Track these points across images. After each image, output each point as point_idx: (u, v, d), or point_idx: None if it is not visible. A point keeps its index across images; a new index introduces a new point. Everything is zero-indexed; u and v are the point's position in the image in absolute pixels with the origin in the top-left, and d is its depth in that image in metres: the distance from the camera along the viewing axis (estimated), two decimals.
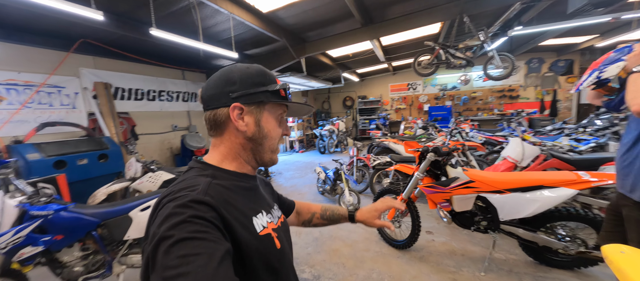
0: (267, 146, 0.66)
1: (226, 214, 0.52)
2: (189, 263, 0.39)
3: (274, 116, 0.67)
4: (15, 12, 2.96)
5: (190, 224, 0.44)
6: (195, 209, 0.47)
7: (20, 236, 1.71)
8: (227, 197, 0.57)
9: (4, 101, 3.20)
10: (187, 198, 0.48)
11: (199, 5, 3.25)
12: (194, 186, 0.54)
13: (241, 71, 0.64)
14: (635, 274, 0.64)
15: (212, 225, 0.47)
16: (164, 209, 0.48)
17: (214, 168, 0.63)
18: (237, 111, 0.62)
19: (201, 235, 0.43)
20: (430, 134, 5.02)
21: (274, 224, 0.67)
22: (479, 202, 2.21)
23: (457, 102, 10.17)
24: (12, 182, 1.85)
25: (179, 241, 0.41)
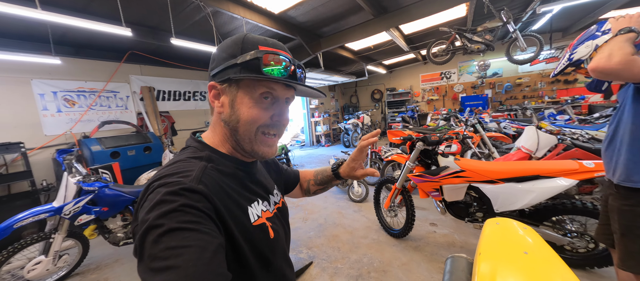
0: (241, 131, 0.56)
1: (220, 205, 0.49)
2: (179, 255, 0.37)
3: (250, 96, 0.55)
4: (80, 35, 3.73)
5: (181, 214, 0.42)
6: (188, 198, 0.44)
7: (79, 206, 2.26)
8: (222, 184, 0.53)
9: (76, 104, 4.06)
10: (179, 186, 0.45)
11: (214, 14, 3.64)
12: (187, 172, 0.50)
13: (221, 45, 0.57)
14: (490, 237, 0.69)
15: (205, 215, 0.44)
16: (154, 194, 0.45)
17: (210, 149, 0.59)
18: (213, 91, 0.57)
19: (193, 226, 0.41)
20: (451, 126, 4.75)
21: (270, 213, 0.64)
22: (472, 192, 2.14)
23: (499, 91, 9.19)
24: (74, 165, 2.43)
25: (169, 231, 0.39)
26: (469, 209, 2.18)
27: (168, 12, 3.15)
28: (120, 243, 2.51)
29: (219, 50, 0.57)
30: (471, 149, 3.58)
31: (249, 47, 0.54)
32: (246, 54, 0.53)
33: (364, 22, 4.81)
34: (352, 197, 3.96)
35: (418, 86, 10.79)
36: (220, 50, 0.56)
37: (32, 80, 3.67)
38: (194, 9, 3.49)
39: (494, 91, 9.26)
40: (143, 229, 0.41)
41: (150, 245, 0.39)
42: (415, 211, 2.58)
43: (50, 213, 2.19)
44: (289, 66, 0.56)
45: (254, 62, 0.52)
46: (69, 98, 4.00)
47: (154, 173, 0.54)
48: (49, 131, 3.82)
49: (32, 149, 3.60)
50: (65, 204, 2.22)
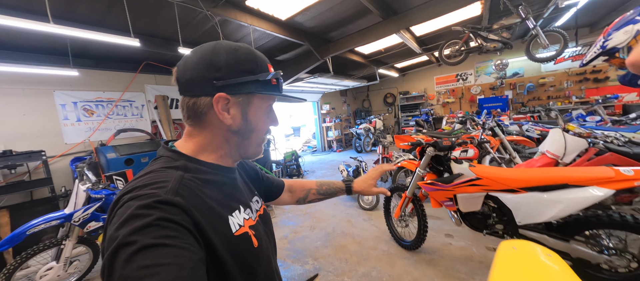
0: (253, 139, 0.61)
1: (199, 217, 0.46)
2: (155, 274, 0.34)
3: (262, 108, 0.61)
4: (99, 48, 3.91)
5: (157, 229, 0.39)
6: (163, 211, 0.41)
7: (87, 213, 2.31)
8: (201, 194, 0.51)
9: (94, 114, 4.25)
10: (154, 198, 0.42)
11: (222, 23, 3.70)
12: (161, 183, 0.46)
13: (228, 54, 0.55)
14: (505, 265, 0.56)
15: (183, 229, 0.41)
16: (123, 208, 0.42)
17: (186, 158, 0.56)
18: (222, 103, 0.55)
19: (170, 241, 0.38)
20: (468, 129, 4.50)
21: (253, 221, 0.62)
22: (490, 202, 1.95)
23: (520, 91, 8.69)
24: (85, 173, 2.49)
25: (143, 248, 0.36)
26: (487, 221, 2.00)
27: (177, 24, 3.22)
28: None
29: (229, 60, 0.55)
30: (490, 155, 3.34)
31: (263, 66, 0.59)
32: (265, 73, 0.58)
33: (372, 25, 4.72)
34: (362, 205, 3.82)
35: (432, 89, 10.46)
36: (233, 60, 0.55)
37: (55, 91, 3.88)
38: (202, 19, 3.56)
39: (514, 91, 8.78)
40: (113, 248, 0.37)
41: (121, 264, 0.36)
42: (427, 221, 2.41)
43: (61, 220, 2.24)
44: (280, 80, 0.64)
45: (270, 80, 0.59)
46: (88, 108, 4.20)
47: (125, 185, 0.51)
48: (69, 139, 4.01)
49: (53, 157, 3.78)
50: (75, 211, 2.27)
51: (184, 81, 0.55)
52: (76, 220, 2.26)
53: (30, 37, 3.23)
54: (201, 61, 0.54)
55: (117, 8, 2.92)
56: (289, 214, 3.98)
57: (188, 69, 0.55)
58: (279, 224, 3.66)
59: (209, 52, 0.55)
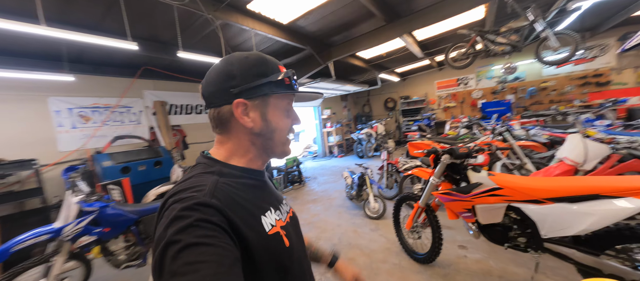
0: (277, 139, 0.64)
1: (234, 217, 0.50)
2: (197, 270, 0.39)
3: (280, 107, 0.64)
4: (97, 53, 3.80)
5: (197, 229, 0.43)
6: (202, 212, 0.46)
7: (80, 227, 2.15)
8: (235, 196, 0.54)
9: (90, 120, 4.11)
10: (193, 200, 0.47)
11: (223, 27, 3.60)
12: (200, 186, 0.52)
13: (240, 62, 0.60)
14: None
15: (220, 229, 0.46)
16: (169, 210, 0.47)
17: (221, 164, 0.61)
18: (241, 108, 0.59)
19: (209, 240, 0.42)
20: (474, 134, 4.39)
21: (283, 222, 0.65)
22: (512, 213, 1.82)
23: (522, 96, 8.65)
24: (77, 184, 2.34)
25: (186, 247, 0.41)
26: (508, 233, 1.86)
27: (177, 27, 3.12)
28: (122, 266, 2.36)
29: (241, 67, 0.59)
30: (500, 160, 3.23)
31: (274, 67, 0.62)
32: (276, 73, 0.61)
33: (375, 29, 4.65)
34: (368, 213, 3.68)
35: (433, 93, 10.41)
36: (244, 67, 0.59)
37: (49, 97, 3.75)
38: (203, 22, 3.46)
39: (516, 96, 8.73)
40: (162, 246, 0.42)
41: (169, 261, 0.40)
42: (442, 232, 2.27)
43: (51, 235, 2.09)
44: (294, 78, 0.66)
45: (283, 80, 0.62)
46: (83, 114, 4.06)
47: (169, 190, 0.55)
48: (64, 147, 3.86)
49: (45, 165, 3.62)
50: (66, 225, 2.12)
51: (207, 95, 0.61)
52: (66, 235, 2.11)
53: (24, 41, 3.11)
54: (218, 74, 0.60)
55: (115, 11, 2.82)
56: None
57: (209, 84, 0.61)
58: None
59: (223, 64, 0.61)
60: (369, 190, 3.73)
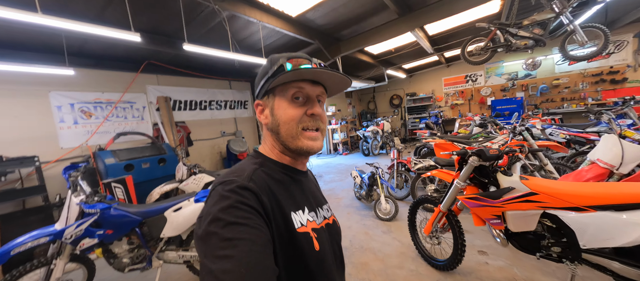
0: (283, 132, 0.63)
1: (267, 202, 0.54)
2: (235, 246, 0.43)
3: (285, 99, 0.63)
4: (98, 45, 3.67)
5: (236, 210, 0.48)
6: (240, 195, 0.51)
7: (81, 229, 2.04)
8: (270, 185, 0.58)
9: (93, 116, 3.99)
10: (234, 184, 0.53)
11: (230, 19, 3.45)
12: (241, 172, 0.58)
13: (260, 69, 0.67)
14: None
15: (254, 211, 0.50)
16: (215, 191, 0.54)
17: (263, 156, 0.67)
18: (258, 108, 0.67)
19: (246, 221, 0.47)
20: (490, 133, 4.23)
21: (317, 225, 0.64)
22: (547, 221, 1.68)
23: (533, 93, 8.42)
24: (79, 183, 2.23)
25: (227, 225, 0.46)
26: (541, 242, 1.72)
27: (182, 19, 2.97)
28: (126, 269, 2.26)
29: (259, 73, 0.67)
30: (520, 161, 3.07)
31: (275, 61, 0.63)
32: (275, 65, 0.63)
33: (386, 22, 4.48)
34: (379, 215, 3.54)
35: (441, 90, 10.20)
36: (260, 73, 0.66)
37: (50, 92, 3.63)
38: (209, 14, 3.31)
39: (526, 93, 8.50)
40: (209, 220, 0.48)
41: (212, 234, 0.46)
42: (465, 238, 2.13)
43: (51, 237, 1.98)
44: (310, 63, 0.62)
45: (280, 69, 0.61)
46: (85, 110, 3.94)
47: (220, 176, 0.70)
48: (66, 143, 3.75)
49: (47, 162, 3.52)
50: (67, 227, 2.00)
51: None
52: (68, 237, 1.99)
53: (24, 32, 2.98)
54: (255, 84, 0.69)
55: (117, 1, 2.67)
56: None
57: None
58: None
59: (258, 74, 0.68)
60: (381, 190, 3.59)
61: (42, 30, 2.71)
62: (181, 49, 3.21)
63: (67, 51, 3.39)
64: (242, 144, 5.51)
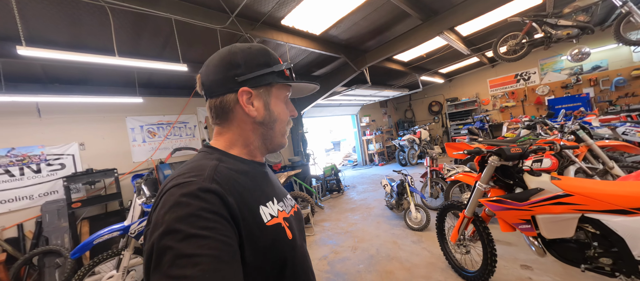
0: (277, 129, 0.65)
1: (233, 203, 0.48)
2: (196, 264, 0.37)
3: (281, 98, 0.65)
4: (161, 77, 4.47)
5: (197, 219, 0.41)
6: (203, 200, 0.44)
7: (142, 225, 2.48)
8: (234, 182, 0.52)
9: (156, 135, 4.80)
10: (194, 186, 0.45)
11: (261, 43, 3.88)
12: (199, 170, 0.50)
13: (244, 52, 0.60)
14: None
15: (221, 218, 0.44)
16: (167, 195, 0.45)
17: (220, 152, 0.60)
18: (245, 96, 0.59)
19: (209, 233, 0.41)
20: (539, 135, 3.76)
21: (286, 213, 0.62)
22: (588, 226, 1.48)
23: (605, 88, 7.15)
24: (142, 188, 2.73)
25: (186, 238, 0.39)
26: (585, 252, 1.51)
27: (219, 49, 3.48)
28: None
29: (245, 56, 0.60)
30: (575, 164, 2.68)
31: (276, 58, 0.65)
32: (278, 64, 0.63)
33: (411, 29, 4.45)
34: (410, 224, 3.41)
35: (486, 93, 9.35)
36: (249, 56, 0.60)
37: (126, 117, 4.52)
38: (242, 42, 3.78)
39: (597, 89, 7.25)
40: (160, 233, 0.41)
41: (167, 251, 0.39)
42: (495, 247, 1.96)
43: (121, 232, 2.46)
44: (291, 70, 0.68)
45: (282, 71, 0.64)
46: (151, 130, 4.77)
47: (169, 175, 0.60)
48: (136, 158, 4.57)
49: (123, 174, 4.33)
50: (132, 223, 2.47)
51: (209, 83, 0.60)
52: (132, 232, 2.45)
53: (106, 72, 3.84)
54: (221, 62, 0.60)
55: (172, 41, 3.29)
56: (328, 232, 3.78)
57: (210, 73, 0.60)
58: (318, 242, 3.48)
59: (226, 53, 0.61)
60: (410, 198, 3.47)
61: (120, 69, 3.48)
62: None
63: (138, 83, 4.23)
64: (277, 156, 5.89)
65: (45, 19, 2.54)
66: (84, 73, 3.78)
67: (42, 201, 3.64)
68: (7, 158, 3.52)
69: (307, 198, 4.24)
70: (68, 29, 2.76)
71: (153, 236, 0.41)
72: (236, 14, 2.90)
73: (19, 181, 3.57)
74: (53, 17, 2.54)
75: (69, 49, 2.59)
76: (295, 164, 5.71)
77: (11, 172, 3.53)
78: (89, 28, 2.79)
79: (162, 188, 0.49)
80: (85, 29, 2.81)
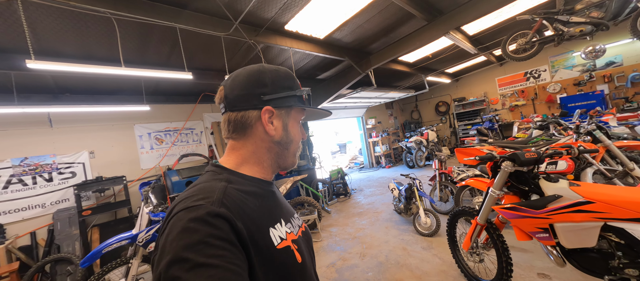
0: (292, 150, 0.68)
1: (242, 227, 0.47)
2: None
3: (298, 120, 0.69)
4: (166, 85, 4.52)
5: (206, 246, 0.40)
6: (212, 226, 0.43)
7: (149, 234, 2.49)
8: (243, 205, 0.52)
9: (163, 142, 4.85)
10: (203, 210, 0.44)
11: (265, 49, 3.89)
12: (208, 193, 0.49)
13: (272, 73, 0.63)
14: None
15: (229, 245, 0.43)
16: (175, 219, 0.45)
17: (229, 172, 0.59)
18: (268, 114, 0.61)
19: (218, 261, 0.40)
20: (552, 135, 3.63)
21: (294, 235, 0.61)
22: (612, 235, 1.39)
23: (621, 84, 6.90)
24: (149, 196, 2.75)
25: (195, 267, 0.38)
26: (608, 262, 1.42)
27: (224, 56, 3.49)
28: None
29: (273, 77, 0.63)
30: (592, 167, 2.56)
31: (298, 83, 0.68)
32: (299, 89, 0.67)
33: (416, 30, 4.38)
34: (419, 229, 3.33)
35: (495, 92, 9.17)
36: (277, 78, 0.63)
37: (135, 125, 4.58)
38: (247, 48, 3.80)
39: (612, 85, 7.01)
40: (167, 262, 0.40)
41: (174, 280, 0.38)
42: (510, 256, 1.88)
43: (129, 240, 2.47)
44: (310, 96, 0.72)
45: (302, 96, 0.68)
46: (159, 137, 4.82)
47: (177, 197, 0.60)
48: (144, 165, 4.63)
49: (131, 181, 4.38)
50: (139, 232, 2.48)
51: (233, 97, 0.61)
52: (140, 241, 2.45)
53: (114, 81, 3.91)
54: (249, 78, 0.61)
55: (177, 50, 3.32)
56: (336, 238, 3.73)
57: (236, 87, 0.61)
58: (325, 248, 3.43)
59: (255, 71, 0.62)
60: (419, 203, 3.39)
61: (127, 77, 3.53)
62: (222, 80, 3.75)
63: (145, 91, 4.29)
64: None
65: (54, 31, 2.60)
66: (93, 83, 3.85)
67: (54, 209, 3.72)
68: (20, 167, 3.60)
69: (314, 203, 4.20)
70: (76, 41, 2.81)
71: (160, 264, 0.40)
72: (240, 20, 2.90)
73: (32, 190, 3.65)
74: (61, 30, 2.59)
75: (77, 60, 2.64)
76: (301, 168, 5.68)
77: (24, 181, 3.62)
78: (96, 39, 2.83)
79: (170, 210, 0.49)
80: (93, 40, 2.86)
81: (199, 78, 3.70)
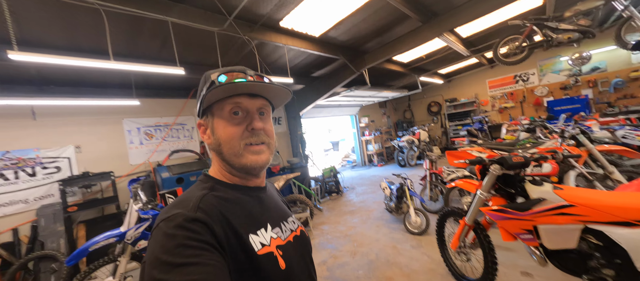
0: (225, 151, 0.60)
1: (219, 230, 0.49)
2: None
3: (223, 117, 0.60)
4: (156, 80, 4.41)
5: (184, 248, 0.43)
6: (189, 230, 0.46)
7: (138, 232, 2.45)
8: (223, 209, 0.54)
9: (153, 137, 4.75)
10: (180, 218, 0.47)
11: (259, 46, 3.84)
12: (186, 202, 0.52)
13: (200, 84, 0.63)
14: None
15: (206, 245, 0.45)
16: (157, 230, 0.48)
17: (214, 180, 0.62)
18: (201, 128, 0.64)
19: (196, 259, 0.43)
20: (538, 138, 3.75)
21: (281, 241, 0.60)
22: (591, 238, 1.46)
23: (604, 89, 7.16)
24: (139, 193, 2.69)
25: (175, 268, 0.41)
26: (587, 263, 1.49)
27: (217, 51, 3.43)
28: None
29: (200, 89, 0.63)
30: (575, 170, 2.67)
31: (208, 78, 0.61)
32: (207, 82, 0.61)
33: (411, 31, 4.41)
34: (409, 228, 3.39)
35: (485, 94, 9.36)
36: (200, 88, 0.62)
37: (123, 119, 4.47)
38: (241, 44, 3.74)
39: (596, 90, 7.27)
40: (150, 268, 0.43)
41: None
42: (496, 255, 1.94)
43: (117, 238, 2.42)
44: (246, 76, 0.60)
45: (212, 84, 0.58)
46: (148, 132, 4.72)
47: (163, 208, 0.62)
48: (133, 160, 4.52)
49: (119, 177, 4.28)
50: (128, 229, 2.43)
51: None
52: (129, 238, 2.41)
53: (103, 74, 3.79)
54: None
55: (169, 43, 3.24)
56: (327, 236, 3.76)
57: None
58: (317, 246, 3.46)
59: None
60: (410, 202, 3.45)
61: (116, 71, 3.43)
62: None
63: (135, 85, 4.18)
64: (276, 157, 5.85)
65: (39, 21, 2.49)
66: (80, 75, 3.72)
67: (38, 205, 3.60)
68: (1, 161, 3.46)
69: (306, 201, 4.21)
70: (62, 32, 2.71)
71: (146, 272, 0.43)
72: (234, 16, 2.86)
73: (14, 185, 3.52)
74: (47, 20, 2.49)
75: (63, 52, 2.54)
76: (294, 166, 5.68)
77: (5, 176, 3.48)
78: (84, 30, 2.74)
79: (156, 221, 0.52)
80: (81, 31, 2.76)
81: (191, 73, 3.62)
